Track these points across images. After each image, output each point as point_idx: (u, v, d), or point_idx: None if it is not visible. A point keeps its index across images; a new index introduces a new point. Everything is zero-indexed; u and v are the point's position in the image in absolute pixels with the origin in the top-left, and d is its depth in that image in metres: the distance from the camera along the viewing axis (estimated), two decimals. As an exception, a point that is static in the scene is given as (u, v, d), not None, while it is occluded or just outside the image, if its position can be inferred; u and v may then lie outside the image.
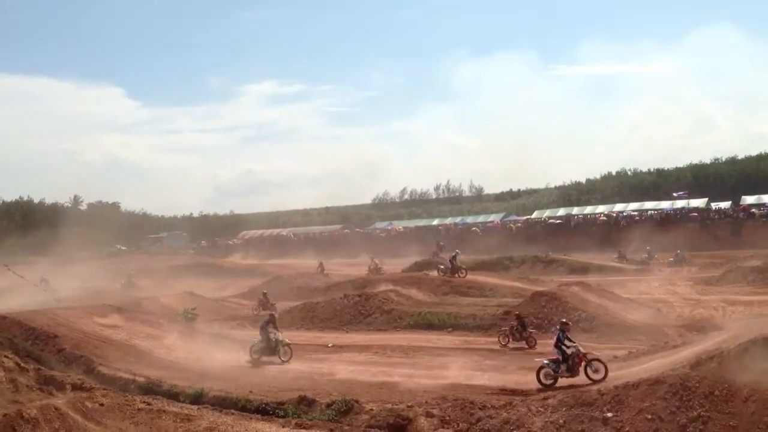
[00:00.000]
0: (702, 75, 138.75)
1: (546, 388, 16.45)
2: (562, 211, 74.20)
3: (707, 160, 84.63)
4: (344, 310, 28.29)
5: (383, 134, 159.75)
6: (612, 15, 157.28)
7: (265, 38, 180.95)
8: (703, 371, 13.59)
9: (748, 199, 64.36)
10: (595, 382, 15.97)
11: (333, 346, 22.82)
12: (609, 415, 13.34)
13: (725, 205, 65.42)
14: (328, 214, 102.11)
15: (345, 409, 15.33)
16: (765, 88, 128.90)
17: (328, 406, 15.63)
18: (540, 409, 14.10)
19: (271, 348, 21.42)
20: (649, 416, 12.95)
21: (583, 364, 16.65)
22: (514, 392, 15.90)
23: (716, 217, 62.60)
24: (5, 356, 19.28)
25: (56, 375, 19.13)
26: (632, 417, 13.10)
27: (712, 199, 67.09)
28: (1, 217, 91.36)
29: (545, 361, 17.06)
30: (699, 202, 66.95)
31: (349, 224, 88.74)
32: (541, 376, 16.91)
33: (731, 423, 12.19)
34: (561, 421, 13.47)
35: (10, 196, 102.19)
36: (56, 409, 14.33)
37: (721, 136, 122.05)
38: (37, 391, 18.00)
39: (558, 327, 17.80)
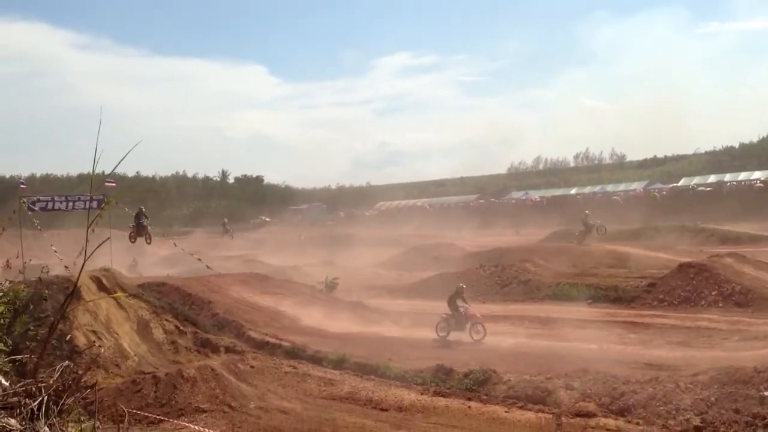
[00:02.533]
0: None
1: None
2: (712, 178, 69.55)
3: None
4: (481, 281, 28.23)
5: (517, 103, 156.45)
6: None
7: (398, 10, 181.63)
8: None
9: None
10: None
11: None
12: (766, 393, 12.51)
13: None
14: (462, 185, 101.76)
15: (483, 378, 15.38)
16: None
17: (466, 375, 15.73)
18: (689, 385, 13.44)
19: (461, 323, 20.35)
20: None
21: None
22: (660, 367, 15.21)
23: None
24: (166, 319, 20.97)
25: (211, 338, 20.56)
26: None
27: None
28: (159, 190, 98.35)
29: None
30: None
31: (484, 194, 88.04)
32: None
33: None
34: (712, 398, 12.77)
35: (166, 171, 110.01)
36: (212, 369, 15.42)
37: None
38: (195, 353, 19.46)
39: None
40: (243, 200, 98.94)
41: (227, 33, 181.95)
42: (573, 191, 79.77)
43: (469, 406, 13.86)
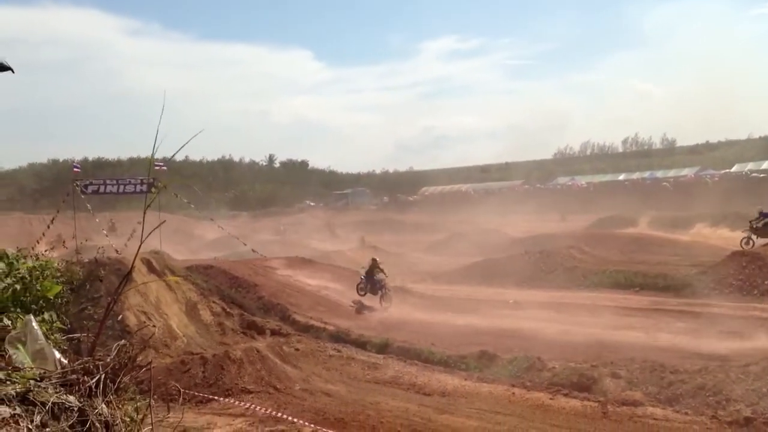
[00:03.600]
0: None
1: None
2: (767, 164, 67.51)
3: None
4: (525, 267, 28.00)
5: (564, 86, 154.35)
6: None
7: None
8: None
9: None
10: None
11: (514, 302, 22.73)
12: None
13: None
14: (508, 170, 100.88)
15: (527, 365, 15.29)
16: None
17: (510, 361, 15.67)
18: (740, 376, 13.14)
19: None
20: None
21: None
22: (710, 357, 14.90)
23: None
24: (213, 302, 21.37)
25: (257, 320, 20.88)
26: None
27: None
28: (207, 174, 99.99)
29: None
30: None
31: (530, 180, 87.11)
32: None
33: None
34: (764, 389, 12.47)
35: (213, 155, 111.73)
36: (258, 351, 15.67)
37: None
38: (241, 335, 19.80)
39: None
40: (288, 184, 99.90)
41: (272, 17, 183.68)
42: (621, 177, 78.33)
43: (513, 393, 13.78)
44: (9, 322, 4.48)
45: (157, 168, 26.20)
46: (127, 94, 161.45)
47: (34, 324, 3.76)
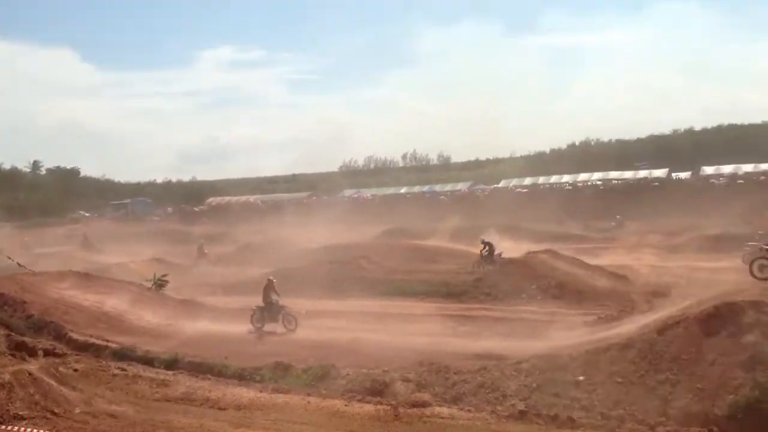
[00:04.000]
0: (661, 46, 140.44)
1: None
2: (528, 180, 74.95)
3: (667, 131, 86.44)
4: (318, 277, 28.33)
5: (348, 101, 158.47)
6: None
7: (222, 2, 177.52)
8: (670, 336, 13.98)
9: (708, 170, 65.98)
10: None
11: (308, 312, 22.99)
12: (581, 378, 13.72)
13: (685, 175, 66.90)
14: (295, 182, 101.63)
15: (322, 374, 15.53)
16: (721, 61, 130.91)
17: (305, 371, 15.81)
18: (513, 372, 14.43)
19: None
20: (620, 379, 13.35)
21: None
22: (488, 357, 16.16)
23: (677, 186, 64.08)
24: (-31, 323, 19.07)
25: (27, 341, 18.98)
26: (603, 380, 13.49)
27: (673, 169, 68.48)
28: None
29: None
30: (660, 173, 68.42)
31: (317, 192, 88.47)
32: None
33: (698, 386, 12.61)
34: (534, 384, 13.82)
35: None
36: (30, 374, 14.26)
37: (680, 107, 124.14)
38: (9, 357, 17.82)
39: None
40: (57, 193, 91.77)
41: (32, 13, 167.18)
42: (403, 190, 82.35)
43: (309, 402, 13.91)
44: None
45: None
46: None
47: None
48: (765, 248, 20.53)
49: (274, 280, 22.49)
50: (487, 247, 30.02)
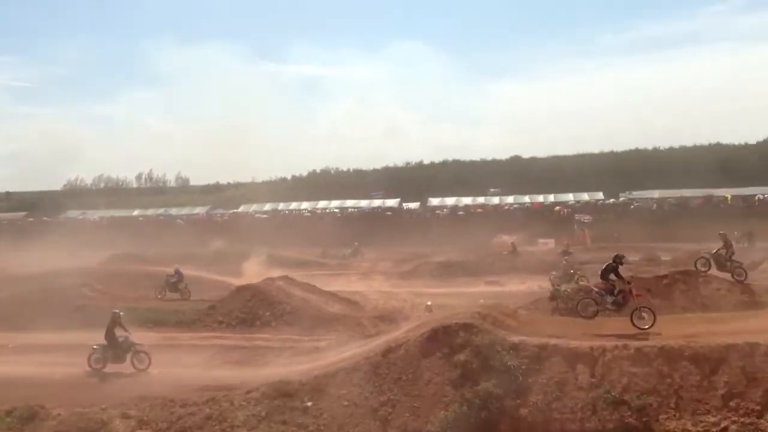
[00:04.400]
0: (397, 84, 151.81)
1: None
2: (268, 206, 75.44)
3: (400, 163, 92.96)
4: (27, 307, 25.36)
5: (78, 116, 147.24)
6: (317, 20, 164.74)
7: None
8: (392, 358, 14.78)
9: (434, 201, 72.20)
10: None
11: (14, 347, 20.43)
12: (309, 404, 13.92)
13: (414, 205, 72.42)
14: (9, 200, 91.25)
15: (28, 415, 13.91)
16: (448, 101, 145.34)
17: (8, 413, 14.04)
18: (243, 402, 14.19)
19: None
20: (346, 402, 13.78)
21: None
22: (218, 388, 15.67)
23: (408, 215, 69.19)
24: None
25: None
26: (330, 404, 13.82)
27: (404, 199, 73.74)
28: None
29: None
30: (393, 202, 73.30)
31: (35, 212, 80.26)
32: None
33: (415, 404, 13.47)
34: (263, 413, 13.70)
35: None
36: None
37: (413, 142, 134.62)
38: None
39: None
40: None
41: None
42: (135, 212, 78.05)
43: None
44: None
45: None
46: None
47: None
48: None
49: (121, 313, 19.42)
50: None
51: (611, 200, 68.48)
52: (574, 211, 63.38)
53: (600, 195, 69.82)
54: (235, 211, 75.79)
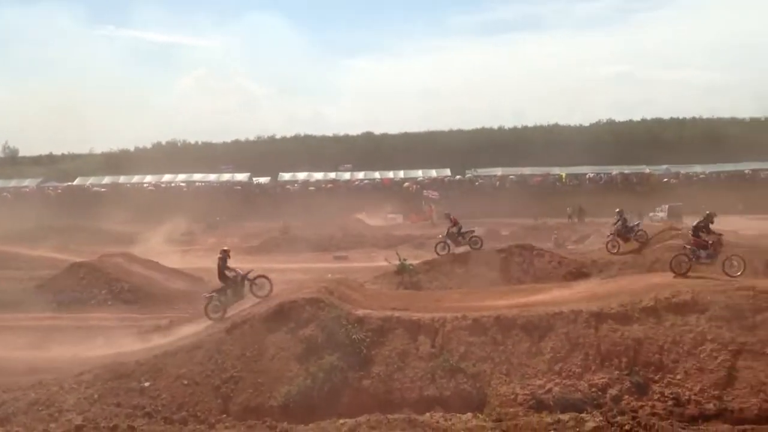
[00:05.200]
0: (250, 56, 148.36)
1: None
2: (108, 179, 71.40)
3: (252, 137, 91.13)
4: None
5: None
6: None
7: None
8: (237, 334, 14.49)
9: (285, 176, 71.62)
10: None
11: None
12: (146, 384, 13.34)
13: (265, 180, 71.39)
14: None
15: None
16: (302, 76, 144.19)
17: None
18: (74, 385, 13.36)
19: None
20: (186, 381, 13.35)
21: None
22: (47, 370, 14.63)
23: (257, 190, 68.13)
24: None
25: None
26: (169, 384, 13.33)
27: (255, 174, 72.48)
28: None
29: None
30: (243, 176, 71.81)
31: None
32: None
33: (259, 380, 13.30)
34: (96, 395, 12.97)
35: None
36: None
37: (265, 115, 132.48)
38: None
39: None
40: None
41: None
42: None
43: None
44: None
45: None
46: None
47: None
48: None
49: (229, 251, 18.13)
50: None
51: (458, 177, 71.08)
52: (422, 188, 65.20)
53: (447, 172, 72.26)
54: (69, 184, 70.95)
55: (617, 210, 27.13)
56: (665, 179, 66.77)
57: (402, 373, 13.34)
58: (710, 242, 17.55)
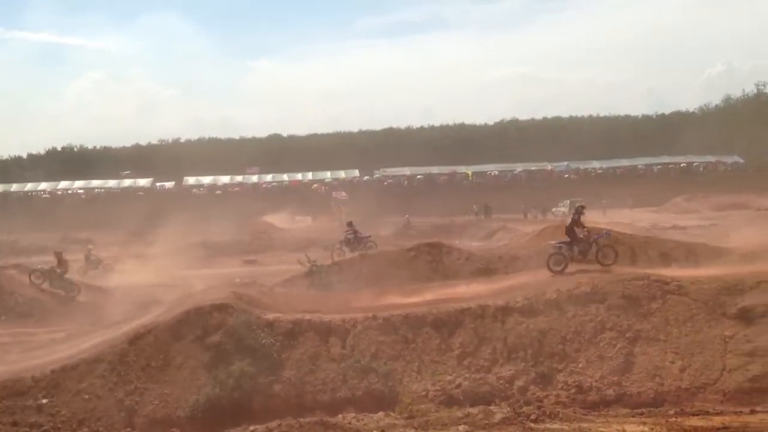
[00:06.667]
0: (152, 57, 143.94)
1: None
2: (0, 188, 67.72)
3: (154, 141, 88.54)
4: None
5: None
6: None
7: None
8: (141, 345, 13.94)
9: (190, 180, 69.90)
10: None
11: None
12: (44, 401, 12.67)
13: (169, 184, 69.45)
14: None
15: None
16: (206, 78, 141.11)
17: None
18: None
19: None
20: (87, 396, 12.75)
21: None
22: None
23: (162, 195, 66.12)
24: None
25: None
26: (69, 399, 12.71)
27: (158, 178, 70.34)
28: None
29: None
30: (145, 182, 69.52)
31: None
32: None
33: (165, 391, 12.87)
34: None
35: None
36: None
37: (168, 119, 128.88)
38: None
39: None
40: None
41: None
42: None
43: None
44: None
45: None
46: None
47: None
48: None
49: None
50: None
51: (366, 177, 71.44)
52: (331, 189, 65.15)
53: (356, 173, 72.51)
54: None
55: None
56: (566, 175, 69.40)
57: (314, 375, 13.23)
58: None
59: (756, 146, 68.00)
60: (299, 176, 71.84)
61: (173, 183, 69.52)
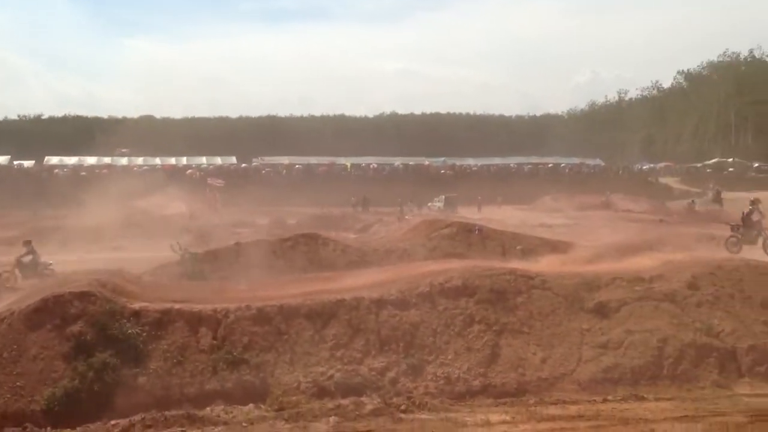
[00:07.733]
0: (11, 27, 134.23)
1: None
2: None
3: (13, 116, 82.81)
4: None
5: None
6: None
7: None
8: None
9: (53, 160, 65.66)
10: None
11: None
12: None
13: (29, 163, 65.01)
14: None
15: None
16: (73, 52, 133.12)
17: None
18: None
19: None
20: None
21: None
22: None
23: (20, 175, 61.69)
24: None
25: None
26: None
27: (16, 156, 65.71)
28: None
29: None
30: (2, 159, 64.77)
31: None
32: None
33: (18, 383, 12.08)
34: None
35: None
36: None
37: (29, 93, 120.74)
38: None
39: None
40: None
41: None
42: None
43: None
44: None
45: None
46: None
47: None
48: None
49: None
50: None
51: (243, 165, 70.12)
52: (207, 175, 63.35)
53: (233, 159, 70.99)
54: None
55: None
56: (442, 171, 71.19)
57: (181, 367, 12.82)
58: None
59: (616, 150, 72.82)
60: (173, 160, 69.33)
61: (33, 162, 65.06)
